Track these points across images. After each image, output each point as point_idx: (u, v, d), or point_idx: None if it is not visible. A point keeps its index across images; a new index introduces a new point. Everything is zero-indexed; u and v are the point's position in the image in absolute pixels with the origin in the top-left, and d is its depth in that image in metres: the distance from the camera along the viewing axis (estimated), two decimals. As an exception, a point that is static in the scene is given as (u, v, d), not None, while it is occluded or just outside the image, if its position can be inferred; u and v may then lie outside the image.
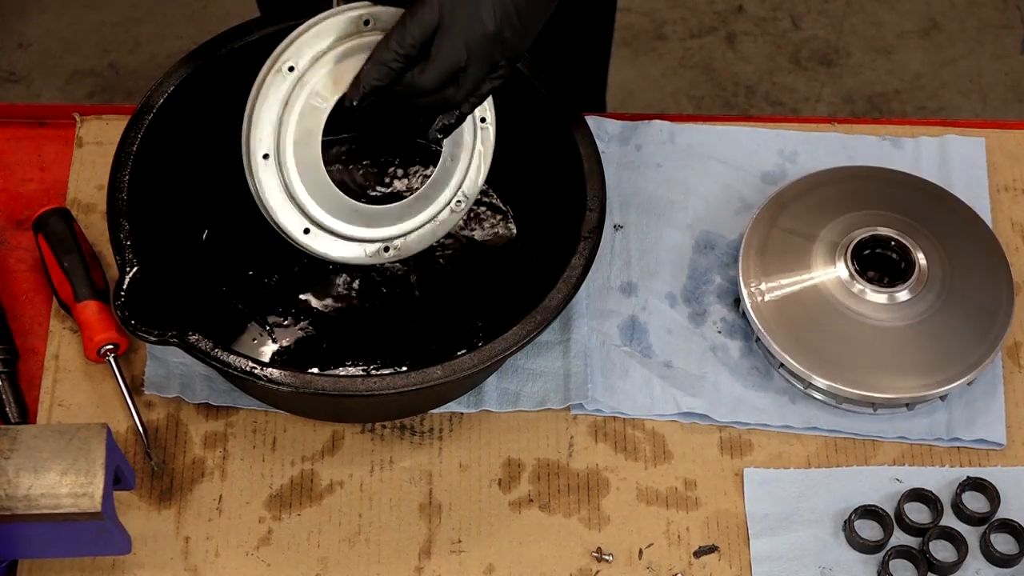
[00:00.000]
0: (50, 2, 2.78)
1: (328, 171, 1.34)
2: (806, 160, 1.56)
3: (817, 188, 1.50)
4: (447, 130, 1.33)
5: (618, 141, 1.56)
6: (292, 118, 1.32)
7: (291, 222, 1.34)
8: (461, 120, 1.32)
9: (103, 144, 1.53)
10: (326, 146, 1.35)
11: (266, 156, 1.32)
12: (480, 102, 1.32)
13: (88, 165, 1.52)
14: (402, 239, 1.38)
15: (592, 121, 1.52)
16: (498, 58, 1.28)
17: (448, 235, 1.47)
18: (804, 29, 2.80)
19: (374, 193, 1.52)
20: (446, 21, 1.25)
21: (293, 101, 1.32)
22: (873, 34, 2.81)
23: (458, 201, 1.39)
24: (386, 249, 1.37)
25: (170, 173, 1.43)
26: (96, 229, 1.49)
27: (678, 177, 1.54)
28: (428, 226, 1.39)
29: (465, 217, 1.45)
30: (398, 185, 1.52)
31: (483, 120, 1.38)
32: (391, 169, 1.53)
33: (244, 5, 2.52)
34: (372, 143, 1.54)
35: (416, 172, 1.53)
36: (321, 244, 1.35)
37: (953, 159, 1.56)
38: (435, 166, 1.38)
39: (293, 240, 1.35)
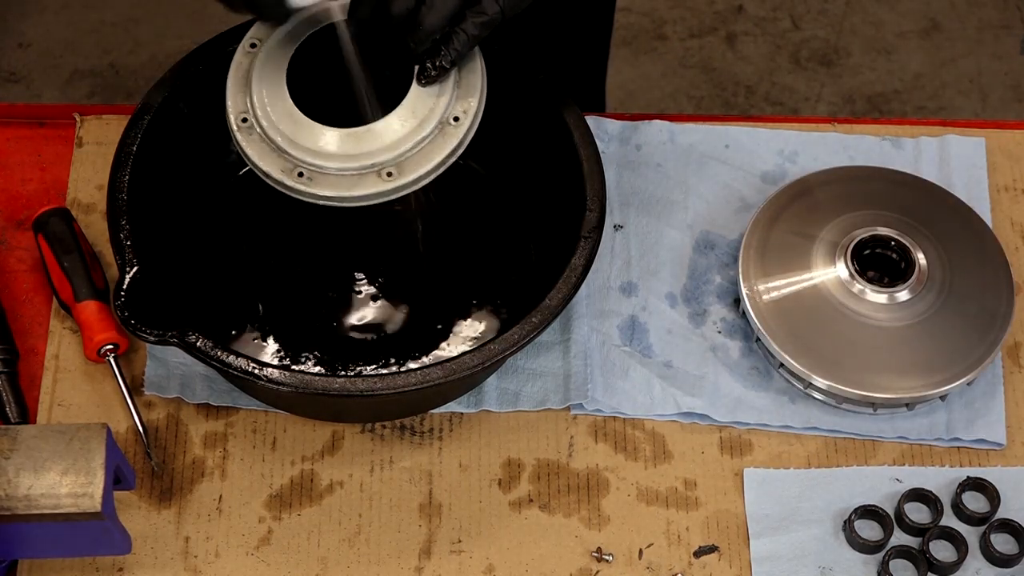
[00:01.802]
0: (50, 2, 2.78)
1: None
2: (806, 160, 1.56)
3: (817, 188, 1.50)
4: (438, 69, 1.30)
5: (618, 141, 1.56)
6: (258, 82, 1.32)
7: (235, 105, 1.32)
8: (450, 59, 1.29)
9: (103, 144, 1.53)
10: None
11: (253, 45, 1.34)
12: (467, 44, 1.29)
13: (88, 165, 1.52)
14: (318, 173, 1.30)
15: (592, 121, 1.52)
16: None
17: (445, 230, 1.48)
18: (804, 29, 2.81)
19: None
20: None
21: (256, 69, 1.33)
22: (873, 34, 2.81)
23: (388, 172, 1.30)
24: (300, 174, 1.30)
25: (170, 173, 1.43)
26: (96, 229, 1.49)
27: (678, 177, 1.54)
28: (349, 175, 1.30)
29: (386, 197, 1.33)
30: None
31: (456, 119, 1.32)
32: None
33: (244, 5, 2.50)
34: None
35: None
36: (247, 138, 1.31)
37: (953, 159, 1.56)
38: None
39: (231, 130, 1.32)
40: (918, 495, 1.39)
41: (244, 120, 1.32)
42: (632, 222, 1.52)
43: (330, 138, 1.31)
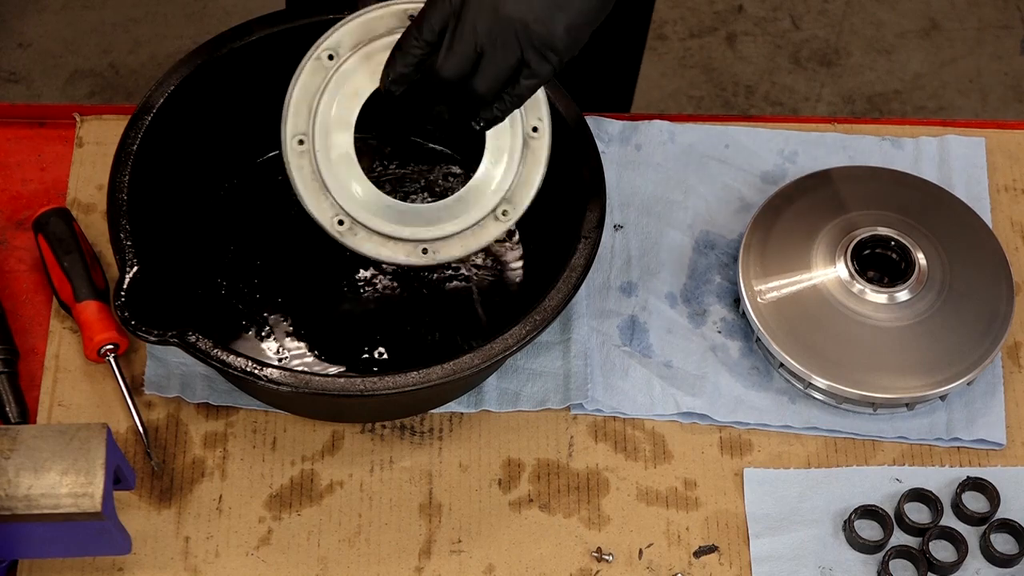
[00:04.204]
0: (50, 2, 2.78)
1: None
2: (806, 160, 1.56)
3: (817, 188, 1.50)
4: (488, 123, 1.31)
5: (618, 141, 1.56)
6: (326, 106, 1.32)
7: (323, 212, 1.33)
8: (500, 115, 1.30)
9: (103, 144, 1.53)
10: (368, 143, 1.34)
11: (301, 142, 1.33)
12: (517, 102, 1.30)
13: (88, 165, 1.52)
14: (441, 242, 1.35)
15: (592, 121, 1.52)
16: (524, 47, 1.26)
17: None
18: (804, 29, 2.81)
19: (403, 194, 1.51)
20: (466, 5, 1.24)
21: (330, 89, 1.32)
22: (873, 34, 2.81)
23: (504, 211, 1.35)
24: (424, 251, 1.35)
25: (170, 173, 1.43)
26: (96, 229, 1.49)
27: (678, 177, 1.54)
28: (469, 231, 1.35)
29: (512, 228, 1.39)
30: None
31: (535, 130, 1.35)
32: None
33: (244, 5, 2.52)
34: (402, 142, 1.54)
35: (442, 173, 1.53)
36: (354, 239, 1.34)
37: (953, 159, 1.56)
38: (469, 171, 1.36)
39: (327, 232, 1.34)
40: (918, 495, 1.39)
41: (340, 222, 1.34)
42: (632, 222, 1.52)
43: (440, 212, 1.35)
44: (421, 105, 1.32)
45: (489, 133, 1.34)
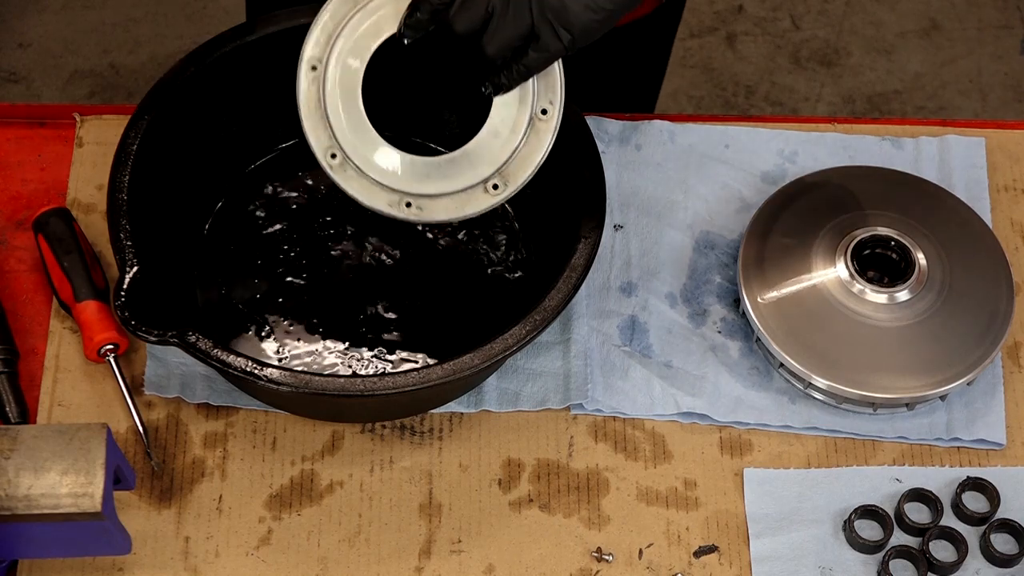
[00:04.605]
0: (50, 2, 2.78)
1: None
2: (806, 160, 1.56)
3: (817, 188, 1.50)
4: (496, 90, 1.31)
5: (618, 141, 1.56)
6: (345, 38, 1.32)
7: (319, 142, 1.33)
8: (507, 85, 1.30)
9: (103, 144, 1.53)
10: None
11: (314, 68, 1.32)
12: (525, 75, 1.29)
13: (88, 165, 1.52)
14: (427, 200, 1.33)
15: (592, 121, 1.52)
16: (536, 18, 1.25)
17: (446, 232, 1.48)
18: (804, 29, 2.81)
19: None
20: None
21: (352, 23, 1.32)
22: (873, 34, 2.81)
23: (494, 185, 1.33)
24: (408, 205, 1.33)
25: (170, 173, 1.43)
26: (96, 229, 1.49)
27: (678, 177, 1.54)
28: (456, 196, 1.33)
29: (500, 206, 1.37)
30: None
31: (544, 112, 1.33)
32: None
33: (244, 5, 2.50)
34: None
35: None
36: (343, 175, 1.33)
37: (953, 159, 1.56)
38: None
39: (319, 162, 1.33)
40: (918, 495, 1.39)
41: (333, 156, 1.33)
42: (632, 222, 1.52)
43: (430, 169, 1.33)
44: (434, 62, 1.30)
45: (495, 103, 1.33)
